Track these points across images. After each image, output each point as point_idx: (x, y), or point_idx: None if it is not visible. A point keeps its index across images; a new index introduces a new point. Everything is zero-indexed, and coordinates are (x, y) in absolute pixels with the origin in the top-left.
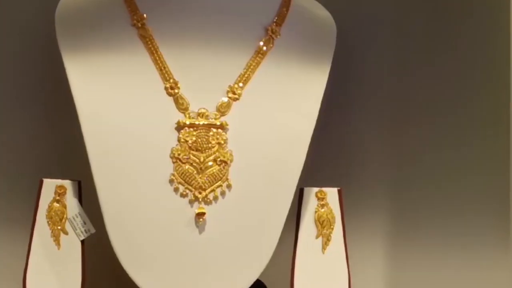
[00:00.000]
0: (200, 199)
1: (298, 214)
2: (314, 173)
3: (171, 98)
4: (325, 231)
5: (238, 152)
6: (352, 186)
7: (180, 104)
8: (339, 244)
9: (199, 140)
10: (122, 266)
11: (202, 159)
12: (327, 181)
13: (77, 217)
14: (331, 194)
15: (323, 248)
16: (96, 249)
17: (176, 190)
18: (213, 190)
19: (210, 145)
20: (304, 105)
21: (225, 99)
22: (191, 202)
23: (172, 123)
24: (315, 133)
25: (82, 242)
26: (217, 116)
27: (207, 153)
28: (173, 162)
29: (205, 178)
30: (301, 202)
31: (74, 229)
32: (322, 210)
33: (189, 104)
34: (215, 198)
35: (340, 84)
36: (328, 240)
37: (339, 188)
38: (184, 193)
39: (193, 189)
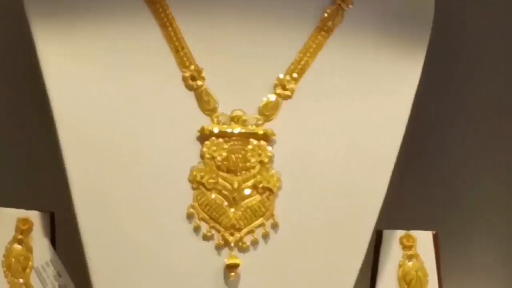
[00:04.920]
0: (233, 244)
1: (374, 269)
2: (397, 211)
3: (191, 94)
4: None
5: (289, 176)
6: (452, 229)
7: (205, 103)
8: None
9: (233, 156)
10: None
11: (236, 185)
12: (416, 222)
13: (48, 266)
14: (423, 240)
15: None
16: None
17: (196, 229)
18: (251, 231)
19: (248, 164)
20: (388, 109)
21: (272, 97)
22: (218, 248)
23: (193, 130)
24: (399, 154)
25: None
26: (260, 122)
27: (244, 177)
28: (193, 189)
29: (240, 213)
30: (379, 252)
31: (45, 284)
32: (409, 263)
33: (218, 103)
34: (255, 242)
35: (438, 80)
36: None
37: (434, 232)
38: (209, 234)
39: (222, 229)
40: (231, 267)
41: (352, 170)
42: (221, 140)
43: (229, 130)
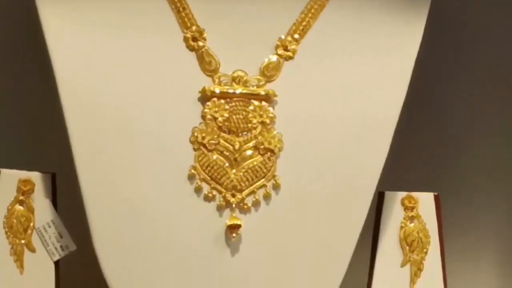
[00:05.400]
0: (234, 205)
1: (376, 230)
2: (398, 172)
3: (193, 54)
4: (415, 256)
5: (291, 137)
6: (452, 191)
7: (207, 64)
8: (436, 275)
9: (234, 117)
10: None
11: (237, 146)
12: (417, 184)
13: (49, 227)
14: (425, 201)
15: (412, 282)
16: (77, 275)
17: (198, 190)
18: (253, 192)
19: (249, 125)
20: (390, 69)
21: (273, 58)
22: (220, 209)
23: (194, 91)
24: (400, 116)
25: (57, 264)
26: (261, 83)
27: (245, 137)
28: (195, 150)
29: (241, 174)
30: (381, 213)
31: (46, 244)
32: (411, 225)
33: (219, 64)
34: (256, 204)
35: (440, 40)
36: (419, 269)
37: (436, 193)
38: (210, 195)
39: (223, 190)
40: (232, 228)
41: (354, 131)
42: (222, 101)
43: (230, 91)
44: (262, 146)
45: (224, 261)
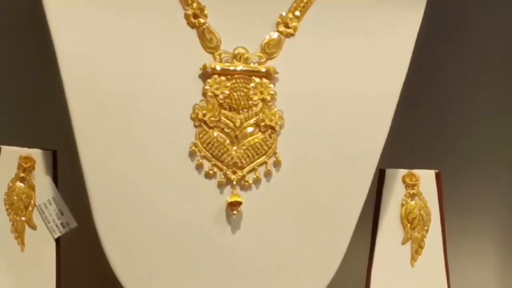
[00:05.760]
0: (235, 183)
1: (377, 208)
2: (399, 150)
3: (194, 31)
4: (416, 233)
5: (292, 114)
6: (453, 169)
7: (208, 41)
8: (436, 253)
9: (235, 94)
10: (118, 279)
11: (238, 123)
12: (418, 162)
13: (50, 204)
14: (426, 179)
15: (413, 259)
16: (78, 252)
17: (199, 167)
18: (253, 169)
19: (250, 102)
20: (391, 47)
21: (274, 35)
22: (221, 186)
23: (195, 67)
24: (401, 94)
25: (57, 241)
26: (262, 60)
27: (246, 115)
28: (196, 126)
29: (242, 151)
30: (382, 190)
31: (46, 221)
32: (412, 202)
33: (220, 41)
34: (257, 180)
35: (441, 19)
36: (420, 247)
37: (437, 171)
38: (211, 172)
39: (224, 167)
40: (233, 205)
41: (355, 108)
42: (223, 78)
43: (231, 68)
44: (263, 123)
45: (225, 238)
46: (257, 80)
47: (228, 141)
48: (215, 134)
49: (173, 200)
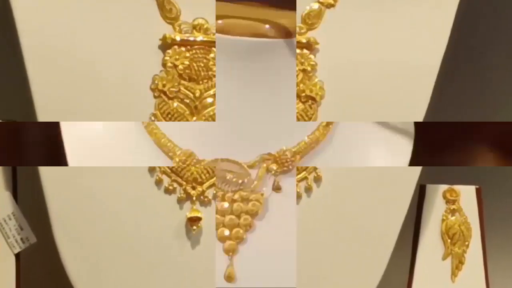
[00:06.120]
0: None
1: (417, 223)
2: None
3: (153, 2)
4: (456, 249)
5: (333, 85)
6: (493, 184)
7: (167, 11)
8: (477, 268)
9: (195, 65)
10: None
11: (198, 94)
12: (457, 177)
13: (10, 219)
14: (467, 194)
15: (454, 275)
16: (38, 268)
17: (158, 183)
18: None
19: (210, 73)
20: (431, 21)
21: (315, 6)
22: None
23: (155, 38)
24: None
25: (17, 256)
26: (303, 30)
27: (206, 85)
28: (155, 97)
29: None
30: (422, 206)
31: (6, 237)
32: (453, 218)
33: (180, 12)
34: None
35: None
36: (461, 262)
37: (477, 186)
38: (171, 187)
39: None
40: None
41: (394, 83)
42: (183, 48)
43: (191, 38)
44: (303, 94)
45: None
46: (298, 51)
47: (187, 112)
48: (175, 104)
49: (134, 213)
